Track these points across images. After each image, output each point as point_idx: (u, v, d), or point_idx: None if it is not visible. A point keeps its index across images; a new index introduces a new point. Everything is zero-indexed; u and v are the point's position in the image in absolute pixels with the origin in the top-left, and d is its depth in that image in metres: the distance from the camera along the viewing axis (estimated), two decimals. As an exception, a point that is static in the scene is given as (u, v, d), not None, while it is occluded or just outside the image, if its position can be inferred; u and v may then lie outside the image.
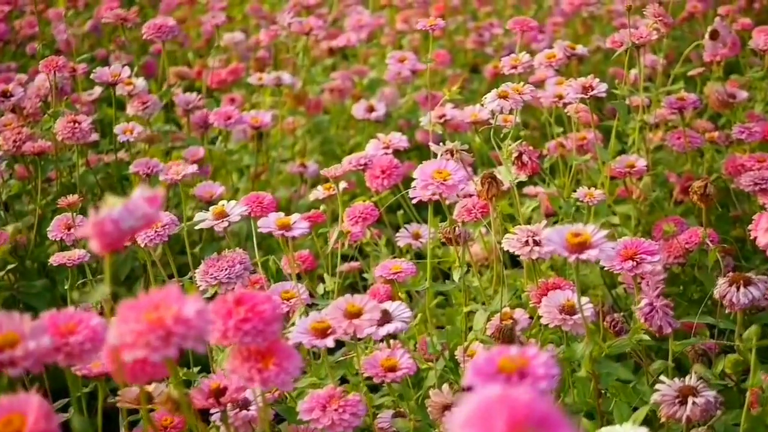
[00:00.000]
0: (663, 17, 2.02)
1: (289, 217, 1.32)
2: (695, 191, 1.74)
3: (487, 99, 1.55)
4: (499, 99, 1.54)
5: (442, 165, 1.33)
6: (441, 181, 1.30)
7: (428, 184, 1.30)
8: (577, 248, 1.11)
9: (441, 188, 1.30)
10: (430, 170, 1.31)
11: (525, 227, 1.45)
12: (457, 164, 1.32)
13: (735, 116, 2.44)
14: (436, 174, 1.31)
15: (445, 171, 1.31)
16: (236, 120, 2.15)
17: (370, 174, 1.85)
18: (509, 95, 1.55)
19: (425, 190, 1.30)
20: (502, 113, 1.56)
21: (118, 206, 0.80)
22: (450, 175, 1.30)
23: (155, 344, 0.77)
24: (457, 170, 1.31)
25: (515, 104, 1.54)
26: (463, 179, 1.31)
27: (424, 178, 1.31)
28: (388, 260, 1.60)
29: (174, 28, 2.30)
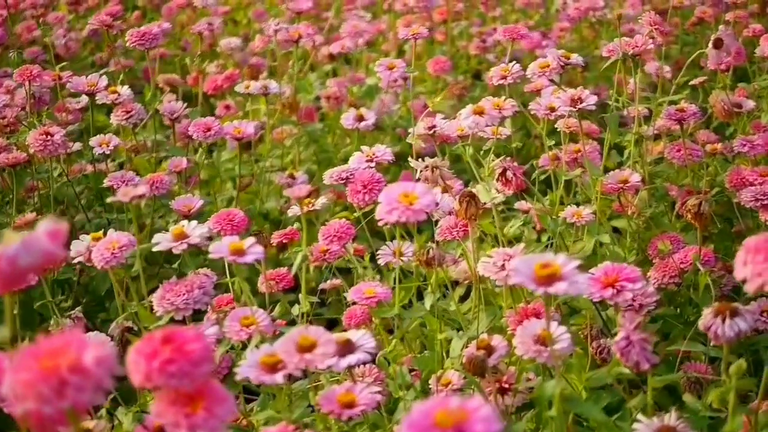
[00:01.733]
0: (659, 25, 1.93)
1: (242, 242, 1.24)
2: (689, 209, 1.66)
3: (461, 115, 1.47)
4: (474, 115, 1.46)
5: (409, 187, 1.25)
6: (407, 206, 1.22)
7: (393, 208, 1.22)
8: (546, 281, 1.03)
9: (406, 213, 1.22)
10: (396, 193, 1.24)
11: (502, 250, 1.37)
12: (425, 186, 1.24)
13: (741, 126, 2.36)
14: (402, 197, 1.23)
15: (411, 194, 1.23)
16: (216, 131, 2.07)
17: (351, 189, 1.77)
18: (485, 111, 1.46)
19: (389, 215, 1.22)
20: (477, 131, 1.48)
21: (15, 242, 0.72)
22: (417, 198, 1.22)
23: (47, 395, 0.70)
24: (425, 193, 1.23)
25: (492, 121, 1.46)
26: (431, 203, 1.22)
27: (389, 201, 1.23)
28: (362, 283, 1.53)
29: (158, 35, 2.24)
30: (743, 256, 1.01)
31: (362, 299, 1.47)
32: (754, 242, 1.01)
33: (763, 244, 0.99)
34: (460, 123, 1.51)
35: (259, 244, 1.58)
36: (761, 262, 0.99)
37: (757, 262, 0.99)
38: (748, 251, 1.01)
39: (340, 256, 1.77)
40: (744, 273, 1.00)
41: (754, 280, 0.99)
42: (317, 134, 2.67)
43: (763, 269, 0.98)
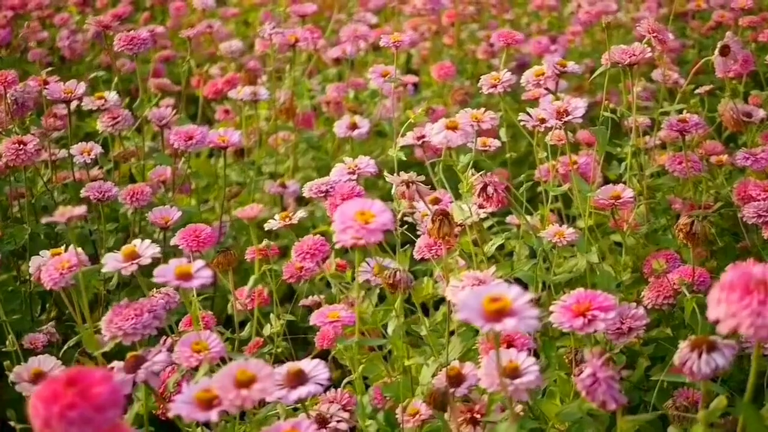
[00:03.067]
0: (658, 33, 1.84)
1: (189, 265, 1.17)
2: (681, 229, 1.57)
3: (433, 130, 1.39)
4: (447, 130, 1.38)
5: (366, 205, 1.17)
6: (362, 225, 1.14)
7: (347, 227, 1.15)
8: (494, 316, 0.95)
9: (361, 232, 1.14)
10: (352, 211, 1.16)
11: (473, 273, 1.29)
12: (383, 204, 1.16)
13: (749, 137, 2.26)
14: (358, 216, 1.15)
15: (368, 212, 1.15)
16: (198, 140, 2.00)
17: (331, 203, 1.71)
18: (459, 126, 1.38)
19: (343, 234, 1.15)
20: (450, 146, 1.40)
21: None
22: (373, 216, 1.15)
23: None
24: (383, 211, 1.15)
25: (465, 137, 1.38)
26: (389, 222, 1.15)
27: (344, 220, 1.15)
28: (325, 307, 1.45)
29: (147, 40, 2.17)
30: (717, 294, 0.92)
31: (325, 323, 1.39)
32: (729, 278, 0.92)
33: (739, 281, 0.91)
34: (431, 138, 1.43)
35: (225, 262, 1.52)
36: (736, 301, 0.90)
37: (731, 301, 0.90)
38: (722, 288, 0.92)
39: (316, 273, 1.70)
40: (717, 313, 0.91)
41: (726, 321, 0.90)
42: (314, 140, 2.59)
43: (737, 309, 0.90)
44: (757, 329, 0.87)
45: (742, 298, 0.89)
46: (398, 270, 1.40)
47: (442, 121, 1.40)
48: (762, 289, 0.89)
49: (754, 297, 0.89)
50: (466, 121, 1.43)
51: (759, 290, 0.89)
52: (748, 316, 0.88)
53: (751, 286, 0.89)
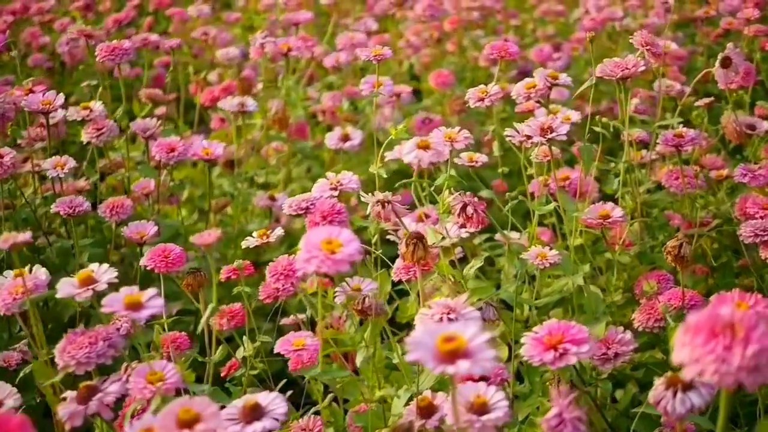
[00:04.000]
0: (652, 46, 1.78)
1: (140, 294, 1.12)
2: (669, 251, 1.51)
3: (405, 149, 1.33)
4: (418, 150, 1.32)
5: (333, 233, 1.12)
6: (328, 254, 1.09)
7: (312, 256, 1.09)
8: (448, 357, 0.89)
9: (327, 263, 1.09)
10: (318, 239, 1.11)
11: (442, 301, 1.23)
12: (351, 233, 1.11)
13: (752, 151, 2.19)
14: (324, 245, 1.10)
15: (335, 241, 1.10)
16: (181, 152, 1.96)
17: (310, 220, 1.65)
18: (431, 145, 1.32)
19: (308, 263, 1.09)
20: (421, 167, 1.34)
21: None
22: (340, 246, 1.09)
23: None
24: (350, 241, 1.10)
25: (438, 156, 1.32)
26: (356, 252, 1.09)
27: (309, 248, 1.10)
28: (290, 334, 1.40)
29: (129, 50, 2.13)
30: (682, 337, 0.86)
31: (289, 352, 1.34)
32: (695, 320, 0.86)
33: (704, 323, 0.85)
34: (403, 157, 1.38)
35: (195, 283, 1.47)
36: (700, 345, 0.84)
37: (695, 345, 0.84)
38: (686, 330, 0.86)
39: (291, 294, 1.64)
40: (681, 357, 0.85)
41: (690, 367, 0.84)
42: (308, 151, 2.54)
43: (701, 354, 0.84)
44: (721, 377, 0.81)
45: (707, 342, 0.83)
46: (367, 296, 1.35)
47: (413, 140, 1.34)
48: (729, 332, 0.83)
49: (719, 341, 0.83)
50: (438, 141, 1.37)
51: (725, 334, 0.83)
52: (713, 362, 0.82)
53: (717, 329, 0.83)
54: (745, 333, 0.82)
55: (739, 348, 0.82)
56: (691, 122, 2.39)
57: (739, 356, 0.81)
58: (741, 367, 0.81)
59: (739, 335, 0.82)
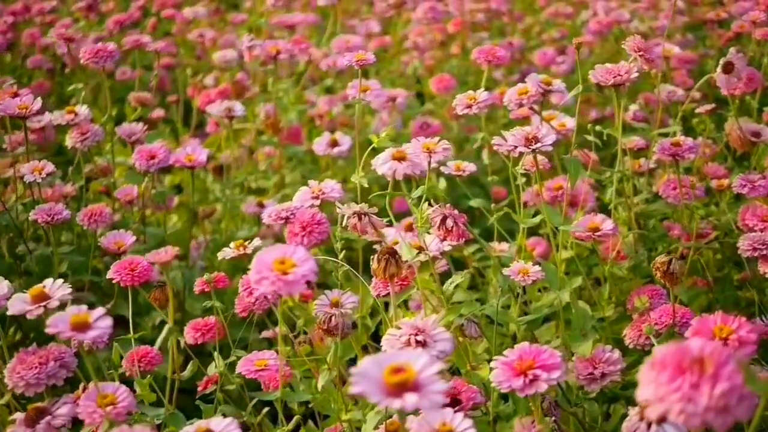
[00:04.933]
0: (646, 52, 1.71)
1: (87, 314, 1.06)
2: (658, 268, 1.44)
3: (378, 160, 1.27)
4: (393, 161, 1.25)
5: (288, 252, 1.05)
6: (280, 275, 1.03)
7: (263, 277, 1.03)
8: (396, 390, 0.83)
9: (278, 284, 1.03)
10: (271, 258, 1.05)
11: (410, 321, 1.17)
12: (306, 252, 1.04)
13: (756, 159, 2.12)
14: (276, 264, 1.04)
15: (288, 261, 1.04)
16: (161, 159, 1.90)
17: (289, 231, 1.60)
18: (407, 157, 1.26)
19: (259, 284, 1.03)
20: (395, 179, 1.28)
21: None
22: (294, 265, 1.03)
23: None
24: (305, 260, 1.04)
25: (413, 168, 1.26)
26: (310, 273, 1.03)
27: (260, 268, 1.04)
28: (254, 353, 1.34)
29: (113, 52, 2.07)
30: (647, 372, 0.79)
31: (251, 372, 1.28)
32: (661, 356, 0.80)
33: (671, 359, 0.78)
34: (377, 169, 1.31)
35: (162, 298, 1.41)
36: (665, 383, 0.77)
37: (660, 382, 0.78)
38: (652, 366, 0.79)
39: (268, 307, 1.58)
40: (645, 394, 0.79)
41: (655, 406, 0.78)
42: (300, 156, 2.48)
43: (666, 393, 0.77)
44: (687, 417, 0.75)
45: (673, 379, 0.76)
46: (334, 314, 1.28)
47: (388, 150, 1.28)
48: (697, 369, 0.76)
49: (686, 379, 0.76)
50: (415, 152, 1.31)
51: (693, 371, 0.76)
52: (678, 402, 0.75)
53: (684, 364, 0.77)
54: (714, 369, 0.76)
55: (707, 386, 0.75)
56: (694, 129, 2.32)
57: (706, 395, 0.75)
58: (709, 407, 0.75)
59: (708, 372, 0.76)
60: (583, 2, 3.93)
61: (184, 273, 2.03)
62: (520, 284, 1.47)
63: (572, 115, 2.98)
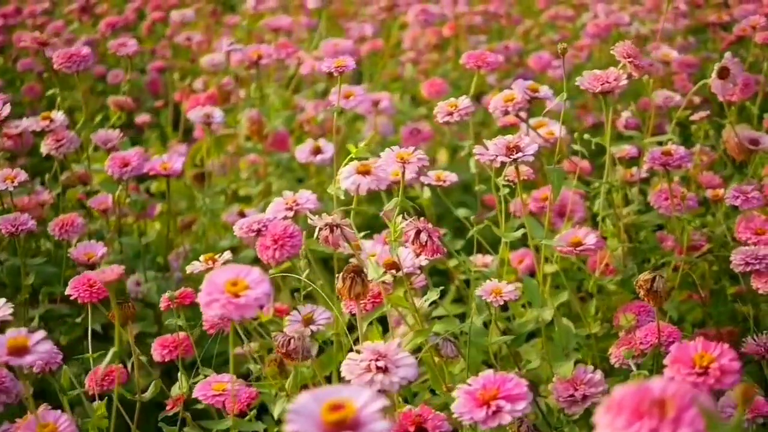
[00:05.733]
0: (635, 59, 1.64)
1: (26, 337, 0.99)
2: (641, 285, 1.37)
3: (342, 174, 1.20)
4: (357, 175, 1.18)
5: (241, 273, 0.99)
6: (231, 297, 0.96)
7: (213, 300, 0.97)
8: (334, 429, 0.76)
9: (228, 307, 0.96)
10: (222, 279, 0.98)
11: (372, 345, 1.10)
12: (260, 274, 0.98)
13: (752, 168, 2.04)
14: (228, 286, 0.97)
15: (241, 282, 0.97)
16: (135, 167, 1.84)
17: (261, 244, 1.53)
18: (372, 171, 1.19)
19: (208, 307, 0.97)
20: (359, 193, 1.21)
21: None
22: (246, 288, 0.97)
23: None
24: (259, 282, 0.97)
25: (378, 183, 1.19)
26: (263, 296, 0.97)
27: (211, 290, 0.98)
28: (213, 376, 1.27)
29: (87, 57, 2.01)
30: (603, 415, 0.73)
31: (208, 398, 1.21)
32: (619, 395, 0.73)
33: (629, 401, 0.71)
34: (341, 184, 1.25)
35: (123, 315, 1.35)
36: (622, 427, 0.71)
37: (617, 427, 0.71)
38: (609, 408, 0.73)
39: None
40: (600, 436, 0.72)
41: (608, 449, 0.71)
42: (285, 163, 2.42)
43: (621, 438, 0.70)
44: (645, 467, 0.68)
45: (630, 424, 0.69)
46: (293, 337, 1.22)
47: (352, 164, 1.21)
48: (657, 413, 0.69)
49: (644, 424, 0.69)
50: (386, 163, 1.24)
51: (652, 415, 0.69)
52: (636, 449, 0.68)
53: (643, 408, 0.70)
54: (675, 413, 0.69)
55: (668, 432, 0.68)
56: (693, 136, 2.25)
57: (666, 442, 0.68)
58: (668, 456, 0.68)
59: (669, 416, 0.69)
60: (585, 4, 3.86)
61: (161, 284, 1.96)
62: (494, 305, 1.40)
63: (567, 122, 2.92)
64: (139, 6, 4.13)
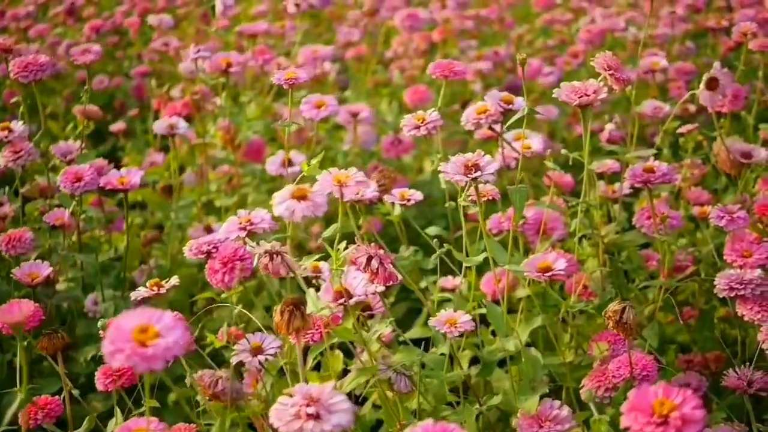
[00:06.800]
0: (616, 71, 1.54)
1: None
2: (609, 317, 1.27)
3: (275, 198, 1.10)
4: (292, 200, 1.08)
5: (153, 318, 0.89)
6: (138, 346, 0.87)
7: (117, 349, 0.87)
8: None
9: (134, 359, 0.87)
10: (130, 325, 0.89)
11: (305, 388, 1.00)
12: (174, 320, 0.88)
13: (742, 183, 1.94)
14: (136, 333, 0.88)
15: (150, 330, 0.88)
16: (87, 182, 1.75)
17: (209, 267, 1.44)
18: (308, 196, 1.09)
19: (112, 358, 0.87)
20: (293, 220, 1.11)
21: None
22: (157, 336, 0.87)
23: None
24: (172, 328, 0.88)
25: (315, 210, 1.09)
26: (176, 346, 0.87)
27: (115, 338, 0.88)
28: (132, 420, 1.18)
29: (45, 65, 1.92)
30: None
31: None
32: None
33: None
34: (274, 211, 1.15)
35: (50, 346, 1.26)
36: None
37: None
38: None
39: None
40: None
41: None
42: (259, 174, 2.32)
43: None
44: None
45: None
46: (221, 377, 1.12)
47: (287, 187, 1.11)
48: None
49: None
50: (322, 188, 1.14)
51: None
52: None
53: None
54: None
55: None
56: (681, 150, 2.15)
57: None
58: None
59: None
60: (583, 9, 3.76)
61: (119, 304, 1.87)
62: (449, 336, 1.30)
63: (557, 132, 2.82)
64: (127, 9, 4.05)
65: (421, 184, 2.48)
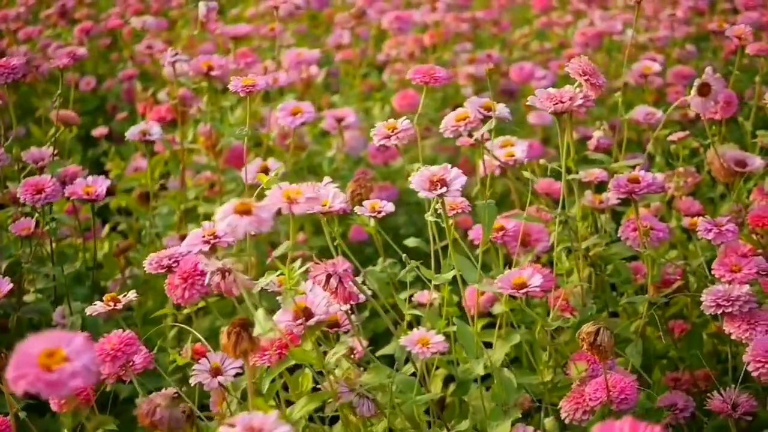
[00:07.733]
0: (592, 77, 1.46)
1: None
2: (583, 338, 1.20)
3: (218, 214, 1.03)
4: (235, 215, 1.02)
5: (62, 341, 0.83)
6: (43, 371, 0.80)
7: (20, 375, 0.81)
8: None
9: (38, 385, 0.80)
10: (37, 349, 0.82)
11: (247, 418, 0.94)
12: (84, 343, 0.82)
13: (735, 193, 1.87)
14: (42, 357, 0.81)
15: (58, 354, 0.81)
16: (50, 193, 1.68)
17: (169, 282, 1.38)
18: (252, 211, 1.02)
19: (16, 383, 0.81)
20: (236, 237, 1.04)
21: None
22: (64, 360, 0.81)
23: None
24: (81, 352, 0.81)
25: (259, 225, 1.02)
26: (84, 372, 0.81)
27: (20, 362, 0.81)
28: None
29: (17, 68, 1.86)
30: None
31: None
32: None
33: None
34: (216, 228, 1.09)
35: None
36: None
37: None
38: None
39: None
40: None
41: None
42: (239, 180, 2.26)
43: None
44: None
45: None
46: (159, 405, 1.05)
47: (230, 202, 1.05)
48: None
49: None
50: (270, 205, 1.07)
51: None
52: None
53: None
54: None
55: None
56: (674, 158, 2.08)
57: None
58: None
59: None
60: (582, 12, 3.68)
61: (86, 318, 1.80)
62: (422, 357, 1.23)
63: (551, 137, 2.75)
64: (121, 11, 3.99)
65: (411, 190, 2.41)
